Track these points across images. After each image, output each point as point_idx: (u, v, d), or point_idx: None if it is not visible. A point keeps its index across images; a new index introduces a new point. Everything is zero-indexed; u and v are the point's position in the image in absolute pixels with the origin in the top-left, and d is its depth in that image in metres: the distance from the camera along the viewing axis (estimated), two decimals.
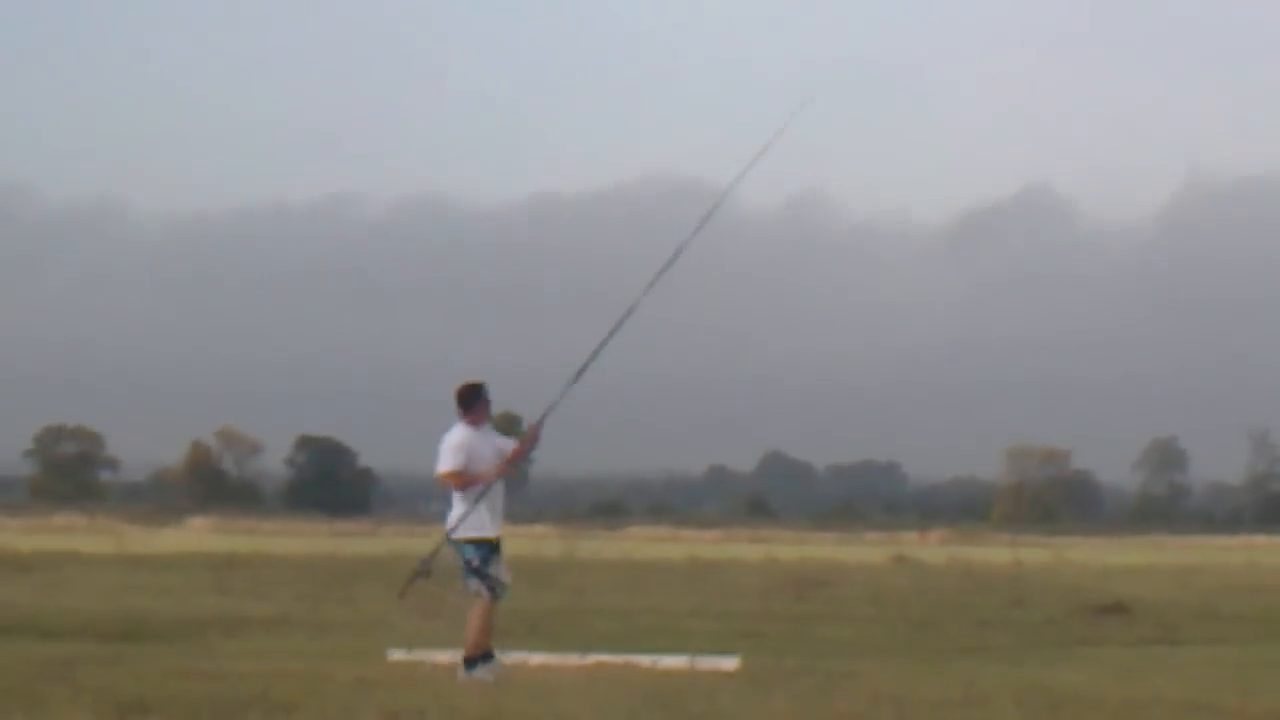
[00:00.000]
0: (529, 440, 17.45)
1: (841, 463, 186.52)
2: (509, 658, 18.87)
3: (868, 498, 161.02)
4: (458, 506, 17.01)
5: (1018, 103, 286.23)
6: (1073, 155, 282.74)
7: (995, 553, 65.66)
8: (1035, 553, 69.80)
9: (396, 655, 19.49)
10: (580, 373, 17.10)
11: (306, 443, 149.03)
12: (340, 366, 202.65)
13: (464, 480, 16.96)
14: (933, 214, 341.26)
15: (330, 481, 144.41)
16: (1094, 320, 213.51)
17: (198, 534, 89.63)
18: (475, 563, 16.93)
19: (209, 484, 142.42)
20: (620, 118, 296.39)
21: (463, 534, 16.97)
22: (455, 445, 17.03)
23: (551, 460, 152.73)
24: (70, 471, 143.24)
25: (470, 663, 16.91)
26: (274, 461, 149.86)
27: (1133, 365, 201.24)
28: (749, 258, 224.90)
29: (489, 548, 17.01)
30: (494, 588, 17.02)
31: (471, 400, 17.21)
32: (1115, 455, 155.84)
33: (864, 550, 72.58)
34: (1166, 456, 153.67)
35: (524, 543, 79.19)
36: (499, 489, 17.21)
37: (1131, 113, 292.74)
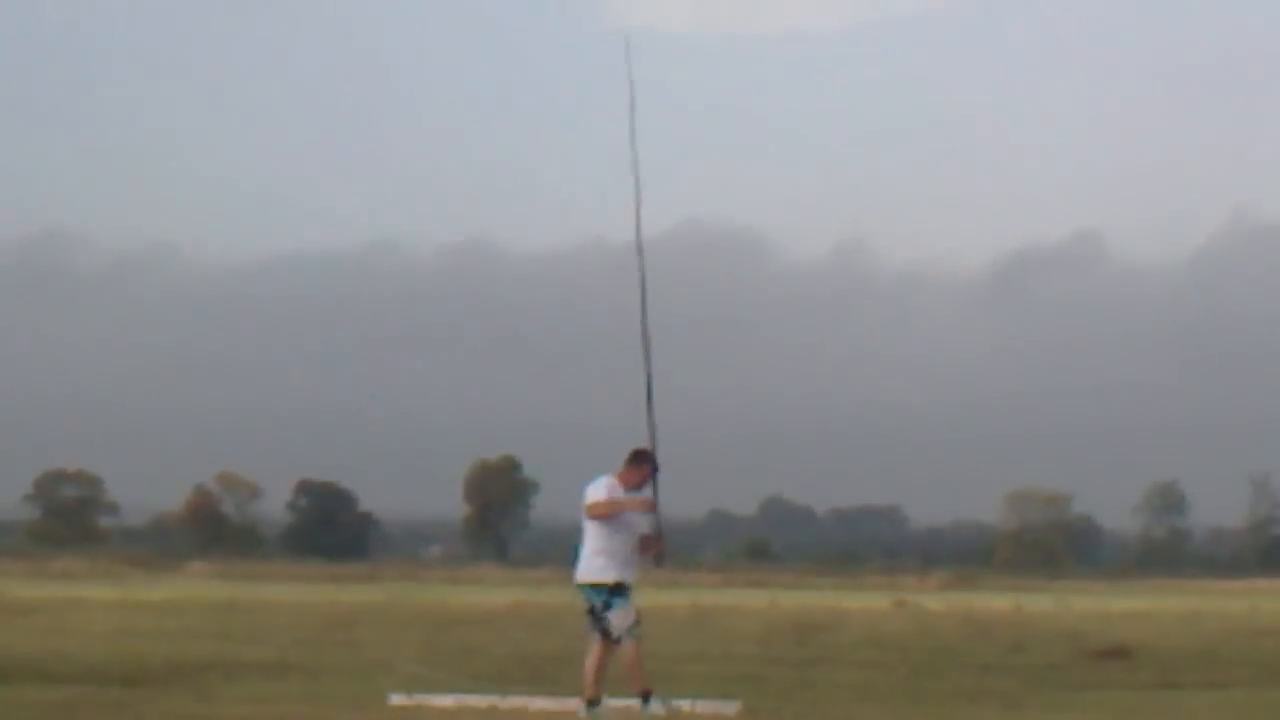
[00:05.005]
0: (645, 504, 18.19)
1: (842, 507, 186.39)
2: (509, 702, 18.85)
3: (869, 542, 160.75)
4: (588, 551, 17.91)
5: (1069, 149, 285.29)
6: (1121, 202, 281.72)
7: (996, 598, 65.59)
8: (1036, 597, 69.73)
9: (397, 700, 19.47)
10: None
11: (307, 487, 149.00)
12: (343, 412, 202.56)
13: (610, 509, 17.78)
14: (973, 264, 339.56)
15: (330, 526, 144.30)
16: (1108, 366, 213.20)
17: (198, 578, 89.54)
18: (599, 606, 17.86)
19: (210, 528, 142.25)
20: (664, 165, 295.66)
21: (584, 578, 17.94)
22: (604, 485, 17.97)
23: (552, 505, 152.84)
24: (70, 516, 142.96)
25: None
26: (275, 506, 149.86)
27: (1133, 409, 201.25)
28: (781, 305, 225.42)
29: (606, 591, 17.88)
30: (605, 631, 17.94)
31: (631, 461, 18.13)
32: (1116, 499, 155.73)
33: (865, 595, 72.49)
34: (1167, 500, 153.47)
35: (526, 587, 79.04)
36: (626, 538, 17.95)
37: (1182, 159, 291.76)
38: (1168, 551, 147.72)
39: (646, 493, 18.08)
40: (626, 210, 18.35)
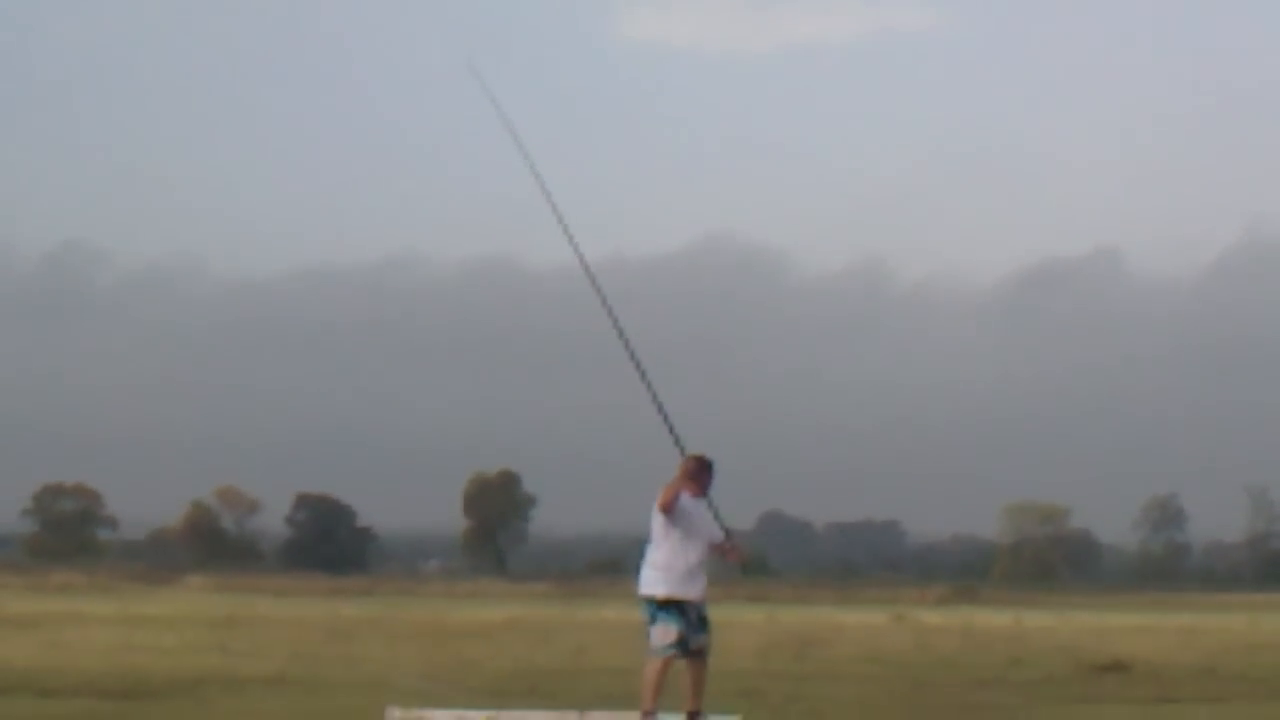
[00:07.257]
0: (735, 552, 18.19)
1: (841, 521, 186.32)
2: (507, 716, 18.85)
3: (867, 556, 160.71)
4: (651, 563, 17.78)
5: (1085, 166, 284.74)
6: (1137, 218, 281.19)
7: (995, 612, 65.54)
8: (1035, 612, 69.70)
9: (395, 714, 19.48)
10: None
11: (305, 501, 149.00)
12: (342, 425, 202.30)
13: (667, 503, 17.65)
14: (988, 280, 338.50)
15: (329, 540, 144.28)
16: (1110, 380, 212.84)
17: (197, 593, 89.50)
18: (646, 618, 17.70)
19: (208, 542, 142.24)
20: (685, 182, 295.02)
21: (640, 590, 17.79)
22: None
23: (551, 519, 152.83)
24: (69, 530, 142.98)
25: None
26: (273, 520, 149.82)
27: (1132, 422, 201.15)
28: (794, 321, 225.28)
29: (654, 605, 17.65)
30: (654, 646, 17.65)
31: (697, 472, 17.98)
32: (1114, 513, 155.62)
33: (863, 609, 72.45)
34: (1166, 514, 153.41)
35: (523, 601, 79.00)
36: (688, 549, 17.76)
37: (1197, 175, 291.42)
38: (1166, 566, 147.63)
39: (709, 500, 17.97)
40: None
